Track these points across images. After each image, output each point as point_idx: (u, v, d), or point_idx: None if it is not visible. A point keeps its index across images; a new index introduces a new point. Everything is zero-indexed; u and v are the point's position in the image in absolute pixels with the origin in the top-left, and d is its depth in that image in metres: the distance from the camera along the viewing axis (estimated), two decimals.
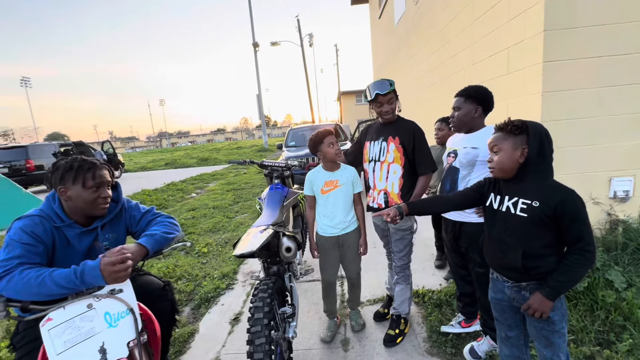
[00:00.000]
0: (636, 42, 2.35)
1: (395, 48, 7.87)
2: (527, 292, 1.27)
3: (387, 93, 1.92)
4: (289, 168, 2.60)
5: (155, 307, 1.52)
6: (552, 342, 1.26)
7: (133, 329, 1.18)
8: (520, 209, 1.24)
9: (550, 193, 1.18)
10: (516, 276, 1.30)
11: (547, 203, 1.17)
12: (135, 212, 1.57)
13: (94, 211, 1.38)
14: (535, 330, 1.30)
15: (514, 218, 1.26)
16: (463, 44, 3.80)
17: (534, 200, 1.20)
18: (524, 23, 2.56)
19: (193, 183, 9.88)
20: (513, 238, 1.27)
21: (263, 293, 1.59)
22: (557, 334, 1.26)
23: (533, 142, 1.20)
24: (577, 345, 1.83)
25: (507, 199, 1.29)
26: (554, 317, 1.24)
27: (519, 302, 1.31)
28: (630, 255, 2.36)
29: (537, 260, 1.23)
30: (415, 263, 2.75)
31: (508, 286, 1.34)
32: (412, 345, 2.07)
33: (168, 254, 3.96)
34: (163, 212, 1.66)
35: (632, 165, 2.54)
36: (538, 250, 1.22)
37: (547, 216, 1.18)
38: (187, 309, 2.77)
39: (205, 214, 5.83)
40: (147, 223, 1.54)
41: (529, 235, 1.23)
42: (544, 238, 1.21)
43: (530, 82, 2.54)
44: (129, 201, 1.59)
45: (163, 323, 1.61)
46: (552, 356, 1.28)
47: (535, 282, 1.25)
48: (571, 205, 1.15)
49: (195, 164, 16.88)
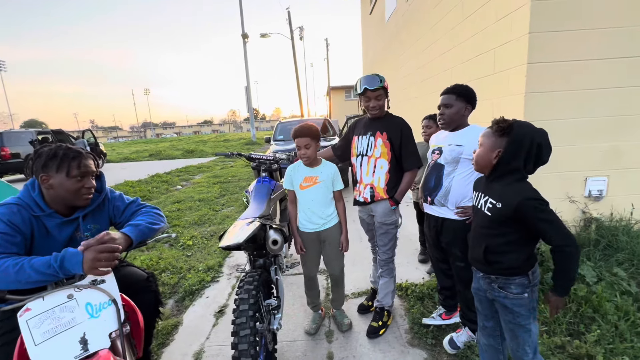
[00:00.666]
0: (613, 47, 2.44)
1: (386, 44, 7.90)
2: (497, 285, 1.33)
3: (376, 89, 1.93)
4: (277, 161, 2.59)
5: (139, 298, 1.50)
6: (517, 335, 1.32)
7: (115, 320, 1.16)
8: (487, 207, 1.30)
9: (510, 196, 1.22)
10: (482, 268, 1.37)
11: (508, 205, 1.22)
12: (119, 202, 1.54)
13: (76, 201, 1.35)
14: (504, 324, 1.37)
15: (482, 215, 1.33)
16: (452, 42, 3.85)
17: (497, 202, 1.25)
18: (510, 25, 2.62)
19: (178, 175, 9.70)
20: (480, 233, 1.35)
21: (249, 285, 1.59)
22: (522, 329, 1.30)
23: (510, 148, 1.22)
24: (549, 336, 1.92)
25: (482, 197, 1.35)
26: (520, 311, 1.29)
27: (491, 294, 1.36)
28: (601, 251, 2.48)
29: (497, 256, 1.29)
30: (400, 257, 2.80)
31: (480, 277, 1.41)
32: (394, 337, 2.12)
33: (152, 246, 3.91)
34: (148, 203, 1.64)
35: (606, 166, 2.65)
36: (498, 247, 1.29)
37: (508, 217, 1.23)
38: (170, 301, 2.75)
39: (190, 206, 5.75)
40: (131, 214, 1.51)
41: (490, 232, 1.30)
42: (505, 236, 1.27)
43: (514, 82, 2.61)
44: (113, 191, 1.56)
45: (146, 315, 1.59)
46: (517, 349, 1.34)
47: (502, 276, 1.31)
48: (529, 208, 1.18)
49: (181, 155, 16.57)
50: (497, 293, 1.33)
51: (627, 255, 2.41)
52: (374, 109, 1.99)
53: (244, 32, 20.10)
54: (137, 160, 15.84)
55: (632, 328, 1.92)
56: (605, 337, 1.88)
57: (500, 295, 1.32)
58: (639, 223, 2.69)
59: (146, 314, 1.59)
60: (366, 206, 2.12)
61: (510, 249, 1.27)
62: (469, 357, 1.85)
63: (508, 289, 1.30)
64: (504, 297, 1.31)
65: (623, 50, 2.45)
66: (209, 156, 15.76)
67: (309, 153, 1.93)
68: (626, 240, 2.47)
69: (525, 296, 1.28)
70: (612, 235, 2.53)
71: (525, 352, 1.32)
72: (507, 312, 1.33)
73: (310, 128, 1.92)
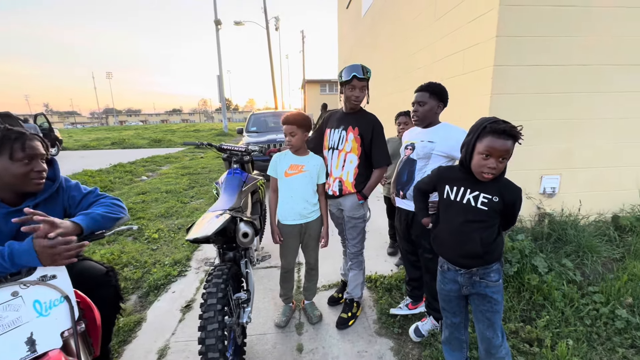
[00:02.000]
0: (572, 55, 2.62)
1: (362, 39, 7.94)
2: (477, 277, 1.40)
3: (363, 78, 1.93)
4: (249, 153, 2.53)
5: (97, 294, 1.42)
6: (493, 322, 1.41)
7: (68, 318, 1.08)
8: (482, 202, 1.34)
9: (508, 191, 1.34)
10: (472, 263, 1.40)
11: (505, 199, 1.32)
12: (75, 192, 1.42)
13: (26, 186, 1.23)
14: (481, 314, 1.43)
15: (475, 210, 1.35)
16: (424, 41, 3.94)
17: (494, 196, 1.33)
18: (479, 27, 2.72)
19: (144, 165, 9.20)
20: (469, 228, 1.37)
21: (217, 279, 1.55)
22: (497, 315, 1.41)
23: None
24: (504, 322, 2.06)
25: (468, 192, 1.37)
26: (497, 298, 1.39)
27: (468, 289, 1.43)
28: (552, 244, 2.69)
29: (489, 246, 1.37)
30: (369, 250, 2.86)
31: (460, 274, 1.44)
32: (362, 327, 2.17)
33: (113, 239, 3.70)
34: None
35: (559, 165, 2.87)
36: (490, 237, 1.36)
37: (501, 209, 1.34)
38: (134, 297, 2.62)
39: (157, 198, 5.49)
40: (89, 204, 1.41)
41: (484, 225, 1.36)
42: (494, 226, 1.37)
43: (481, 83, 2.72)
44: (68, 180, 1.44)
45: (106, 311, 1.51)
46: (492, 336, 1.42)
47: (482, 267, 1.38)
48: (519, 201, 1.35)
49: (147, 145, 15.72)
50: (478, 285, 1.40)
51: (574, 247, 2.63)
52: (357, 99, 1.98)
53: (217, 19, 19.33)
54: (97, 149, 14.81)
55: (576, 313, 2.10)
56: (553, 322, 2.05)
57: (482, 285, 1.39)
58: (585, 218, 2.94)
59: (106, 310, 1.51)
60: (335, 199, 2.14)
61: (497, 237, 1.38)
62: (432, 345, 1.94)
63: (488, 278, 1.38)
64: (484, 286, 1.39)
65: (579, 59, 2.64)
66: (178, 146, 15.10)
67: (293, 141, 1.94)
68: (573, 233, 2.69)
69: (500, 282, 1.40)
70: (562, 229, 2.75)
71: (497, 337, 1.42)
72: (484, 301, 1.40)
73: (297, 116, 1.93)
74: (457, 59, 3.11)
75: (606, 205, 3.03)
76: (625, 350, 1.84)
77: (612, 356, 1.82)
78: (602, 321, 2.03)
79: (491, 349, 1.44)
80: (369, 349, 1.98)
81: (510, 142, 1.24)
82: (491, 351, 1.45)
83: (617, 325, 1.98)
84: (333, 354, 1.94)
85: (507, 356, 1.45)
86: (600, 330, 1.97)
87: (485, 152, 1.25)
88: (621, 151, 2.92)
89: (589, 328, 1.99)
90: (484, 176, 1.29)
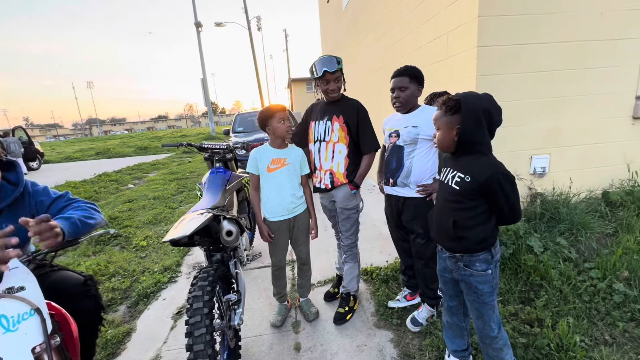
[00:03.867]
0: (555, 32, 2.60)
1: (344, 33, 7.87)
2: (462, 263, 1.34)
3: (335, 71, 1.88)
4: (232, 150, 2.44)
5: (77, 305, 1.32)
6: (482, 313, 1.36)
7: (40, 332, 0.99)
8: (455, 182, 1.30)
9: (480, 170, 1.24)
10: (451, 245, 1.36)
11: (476, 179, 1.23)
12: (44, 197, 1.32)
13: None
14: (469, 303, 1.40)
15: (449, 189, 1.33)
16: (407, 29, 3.89)
17: (466, 175, 1.26)
18: (460, 8, 2.68)
19: (130, 173, 8.99)
20: (447, 208, 1.34)
21: (203, 281, 1.47)
22: (487, 306, 1.34)
23: (465, 122, 1.23)
24: (504, 305, 2.03)
25: (449, 172, 1.35)
26: (484, 289, 1.32)
27: (457, 273, 1.38)
28: (545, 223, 2.67)
29: (465, 231, 1.30)
30: (364, 242, 2.81)
31: (446, 257, 1.42)
32: (361, 321, 2.11)
33: (99, 250, 3.56)
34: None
35: (548, 144, 2.85)
36: (465, 221, 1.29)
37: (475, 190, 1.25)
38: (122, 307, 2.51)
39: (144, 205, 5.34)
40: (59, 209, 1.31)
41: (458, 206, 1.30)
42: (471, 210, 1.28)
43: (466, 66, 2.68)
44: (35, 184, 1.33)
45: (87, 323, 1.42)
46: (483, 326, 1.38)
47: (467, 254, 1.32)
48: (495, 182, 1.21)
49: (133, 153, 15.41)
50: (463, 272, 1.35)
51: (567, 226, 2.62)
52: (333, 91, 1.95)
53: (197, 21, 19.01)
54: (81, 160, 14.45)
55: (574, 291, 2.08)
56: (552, 301, 2.02)
57: (466, 273, 1.34)
58: (576, 196, 2.93)
59: (87, 322, 1.42)
60: (327, 192, 2.08)
61: (476, 223, 1.29)
62: (432, 333, 1.90)
63: (473, 267, 1.32)
64: (469, 275, 1.33)
65: (562, 36, 2.62)
66: (165, 152, 14.84)
67: (287, 124, 1.94)
68: (566, 211, 2.68)
69: (489, 272, 1.31)
70: (554, 208, 2.74)
71: (491, 329, 1.37)
72: (471, 291, 1.35)
73: (278, 105, 1.94)
74: (441, 43, 3.06)
75: (596, 181, 3.03)
76: (625, 324, 1.82)
77: (612, 331, 1.80)
78: (600, 296, 2.01)
79: (485, 339, 1.40)
80: (369, 342, 1.92)
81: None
82: (485, 341, 1.41)
83: (615, 300, 1.97)
84: (332, 350, 1.88)
85: (505, 347, 1.40)
86: (599, 306, 1.96)
87: None
88: (608, 127, 2.92)
89: (587, 304, 1.98)
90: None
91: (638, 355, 1.64)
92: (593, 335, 1.77)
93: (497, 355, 1.41)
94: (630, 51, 2.77)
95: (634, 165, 3.01)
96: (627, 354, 1.65)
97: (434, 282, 1.91)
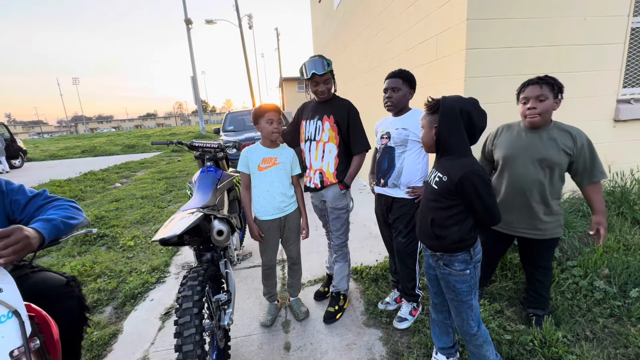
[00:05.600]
0: (541, 35, 2.66)
1: (335, 33, 7.88)
2: (442, 262, 1.38)
3: (324, 74, 1.90)
4: (223, 149, 2.42)
5: (59, 306, 1.30)
6: (460, 311, 1.39)
7: (18, 335, 0.96)
8: (435, 181, 1.34)
9: (455, 170, 1.26)
10: (430, 243, 1.40)
11: (451, 179, 1.26)
12: (20, 196, 1.28)
13: None
14: (449, 301, 1.44)
15: (430, 189, 1.38)
16: (397, 30, 3.93)
17: (444, 175, 1.29)
18: (450, 11, 2.72)
19: (117, 172, 8.82)
20: (427, 207, 1.38)
21: (192, 281, 1.45)
22: (465, 305, 1.37)
23: (442, 122, 1.26)
24: (490, 302, 2.07)
25: (433, 172, 1.39)
26: (462, 287, 1.35)
27: (439, 271, 1.42)
28: None
29: (442, 230, 1.33)
30: (354, 242, 2.83)
31: (429, 255, 1.46)
32: (350, 320, 2.13)
33: (84, 250, 3.49)
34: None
35: None
36: (443, 220, 1.33)
37: (452, 190, 1.27)
38: (108, 308, 2.47)
39: (131, 204, 5.25)
40: (37, 208, 1.27)
41: (437, 205, 1.34)
42: (449, 209, 1.31)
43: (455, 67, 2.72)
44: (9, 183, 1.29)
45: (71, 325, 1.39)
46: (462, 324, 1.42)
47: (446, 254, 1.36)
48: (468, 182, 1.22)
49: (120, 151, 15.11)
50: (443, 270, 1.38)
51: None
52: (322, 93, 1.97)
53: (187, 18, 18.74)
54: (67, 158, 14.09)
55: (557, 288, 2.14)
56: None
57: (445, 272, 1.37)
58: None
59: (71, 324, 1.39)
60: (317, 192, 2.09)
61: (452, 222, 1.31)
62: (421, 331, 1.92)
63: (452, 266, 1.35)
64: (448, 274, 1.37)
65: (548, 39, 2.68)
66: (153, 151, 14.59)
67: (280, 128, 1.92)
68: None
69: (467, 272, 1.34)
70: None
71: (470, 326, 1.40)
72: (450, 290, 1.39)
73: (271, 105, 1.93)
74: (430, 45, 3.10)
75: None
76: (605, 320, 1.88)
77: (593, 326, 1.86)
78: (582, 294, 2.08)
79: (465, 335, 1.44)
80: (358, 340, 1.94)
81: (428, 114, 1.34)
82: (465, 338, 1.45)
83: (596, 297, 2.03)
84: (322, 349, 1.89)
85: (486, 343, 1.43)
86: (581, 303, 2.02)
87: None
88: (590, 129, 2.98)
89: (570, 301, 2.04)
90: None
91: (617, 350, 1.70)
92: (575, 331, 1.82)
93: (478, 352, 1.44)
94: (612, 56, 2.86)
95: (614, 167, 3.11)
96: (606, 349, 1.71)
97: (411, 281, 1.98)
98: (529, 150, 1.70)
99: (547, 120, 1.69)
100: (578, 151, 1.63)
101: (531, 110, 1.67)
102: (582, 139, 1.64)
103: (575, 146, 1.63)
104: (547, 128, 1.70)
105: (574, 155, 1.64)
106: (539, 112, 1.65)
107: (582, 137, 1.64)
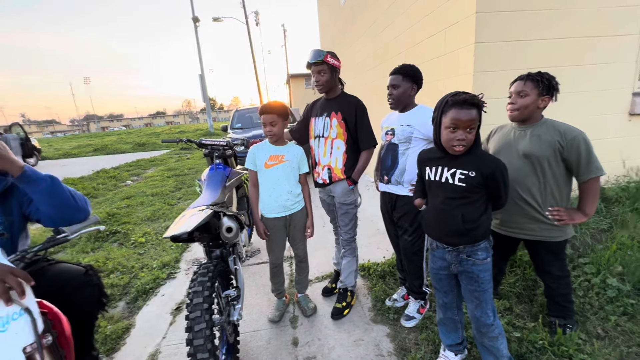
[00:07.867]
0: (552, 28, 2.60)
1: (342, 28, 7.83)
2: (464, 255, 1.38)
3: (316, 62, 1.91)
4: (231, 147, 2.45)
5: (80, 296, 1.35)
6: (481, 301, 1.40)
7: (31, 332, 0.99)
8: (459, 179, 1.33)
9: (484, 164, 1.30)
10: (457, 240, 1.38)
11: (482, 172, 1.29)
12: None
13: None
14: (469, 293, 1.43)
15: (451, 187, 1.35)
16: (405, 25, 3.88)
17: (470, 171, 1.30)
18: (458, 4, 2.67)
19: (128, 170, 8.97)
20: (451, 205, 1.36)
21: (202, 277, 1.48)
22: (485, 293, 1.39)
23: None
24: (498, 299, 2.06)
25: (445, 170, 1.37)
26: (485, 276, 1.38)
27: (456, 267, 1.42)
28: None
29: (473, 223, 1.34)
30: (361, 238, 2.83)
31: (448, 251, 1.43)
32: (358, 316, 2.14)
33: (97, 247, 3.57)
34: (90, 201, 1.44)
35: None
36: (473, 214, 1.34)
37: (480, 183, 1.30)
38: (121, 303, 2.53)
39: (142, 201, 5.34)
40: None
41: (465, 201, 1.34)
42: (477, 202, 1.34)
43: (464, 62, 2.68)
44: None
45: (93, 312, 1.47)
46: (481, 315, 1.41)
47: (469, 245, 1.36)
48: (500, 174, 1.31)
49: (131, 149, 15.32)
50: (465, 263, 1.39)
51: None
52: (317, 83, 1.98)
53: (194, 16, 18.84)
54: (79, 156, 14.37)
55: None
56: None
57: (468, 263, 1.38)
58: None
59: (90, 312, 1.45)
60: (325, 187, 2.10)
61: (481, 213, 1.34)
62: (428, 327, 1.92)
63: (475, 256, 1.36)
64: (471, 264, 1.37)
65: (560, 32, 2.62)
66: (163, 148, 14.78)
67: (274, 130, 1.88)
68: None
69: (488, 260, 1.37)
70: None
71: (487, 316, 1.40)
72: (472, 280, 1.39)
73: (276, 105, 1.88)
74: (438, 39, 3.06)
75: None
76: (617, 318, 1.85)
77: (605, 325, 1.83)
78: (594, 291, 2.04)
79: (481, 327, 1.43)
80: (365, 337, 1.95)
81: (474, 111, 1.25)
82: (482, 330, 1.44)
83: (608, 294, 2.00)
84: (329, 345, 1.91)
85: (501, 336, 1.43)
86: (593, 301, 1.99)
87: (451, 125, 1.27)
88: (604, 123, 2.94)
89: (581, 299, 2.01)
90: (454, 149, 1.30)
91: (629, 349, 1.67)
92: (586, 330, 1.80)
93: (492, 345, 1.44)
94: (626, 47, 2.78)
95: (629, 162, 3.04)
96: (619, 348, 1.68)
97: (419, 278, 1.98)
98: (515, 145, 1.66)
99: (528, 116, 1.65)
100: (568, 144, 1.54)
101: (510, 105, 1.68)
102: (573, 133, 1.56)
103: (564, 139, 1.55)
104: (536, 125, 1.65)
105: (565, 149, 1.56)
106: (517, 107, 1.64)
107: (573, 131, 1.57)
